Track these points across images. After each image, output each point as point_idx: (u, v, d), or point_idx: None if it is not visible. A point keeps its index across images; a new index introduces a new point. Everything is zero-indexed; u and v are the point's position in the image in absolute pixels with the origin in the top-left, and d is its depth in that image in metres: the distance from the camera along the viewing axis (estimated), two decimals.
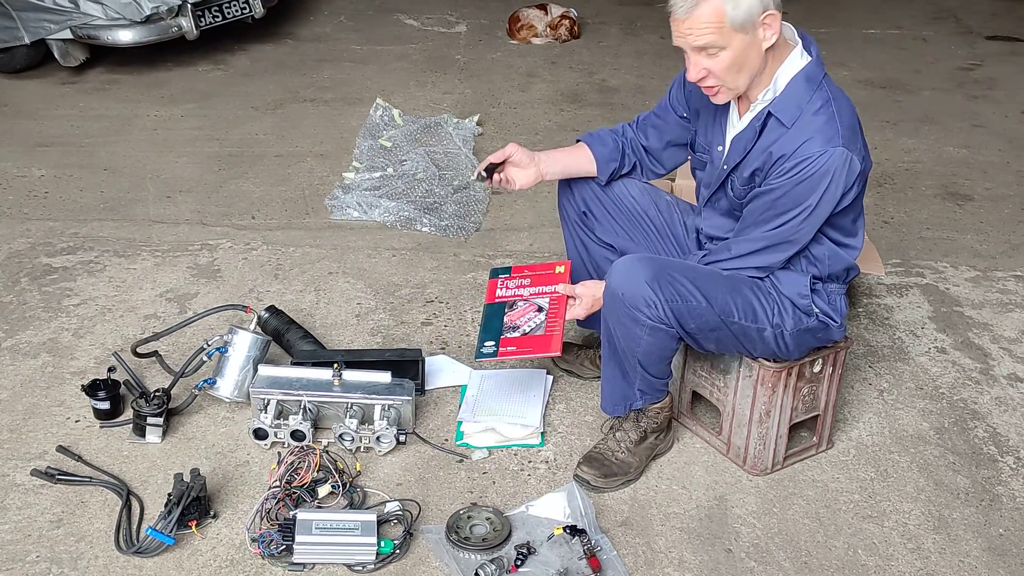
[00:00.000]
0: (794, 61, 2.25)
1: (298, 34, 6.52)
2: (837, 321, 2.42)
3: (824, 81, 2.24)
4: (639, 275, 2.26)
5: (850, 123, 2.21)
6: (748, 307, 2.33)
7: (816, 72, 2.24)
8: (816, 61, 2.26)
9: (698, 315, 2.29)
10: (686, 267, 2.32)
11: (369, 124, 4.76)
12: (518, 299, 2.59)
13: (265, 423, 2.55)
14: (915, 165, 4.63)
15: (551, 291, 2.56)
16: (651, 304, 2.25)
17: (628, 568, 2.26)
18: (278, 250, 3.70)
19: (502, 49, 6.28)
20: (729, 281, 2.34)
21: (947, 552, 2.35)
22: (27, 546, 2.29)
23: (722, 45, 2.15)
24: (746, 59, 2.18)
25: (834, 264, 2.38)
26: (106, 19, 5.34)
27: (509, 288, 2.64)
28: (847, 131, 2.19)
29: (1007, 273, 3.66)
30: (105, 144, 4.68)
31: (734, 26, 2.12)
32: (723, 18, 2.11)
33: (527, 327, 2.51)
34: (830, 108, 2.20)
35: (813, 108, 2.20)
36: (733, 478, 2.57)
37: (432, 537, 2.30)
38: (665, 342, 2.34)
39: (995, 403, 2.91)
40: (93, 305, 3.30)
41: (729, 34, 2.13)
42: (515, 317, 2.55)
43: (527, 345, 2.48)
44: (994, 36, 6.77)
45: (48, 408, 2.77)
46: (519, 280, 2.65)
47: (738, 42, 2.14)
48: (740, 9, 2.10)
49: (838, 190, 2.21)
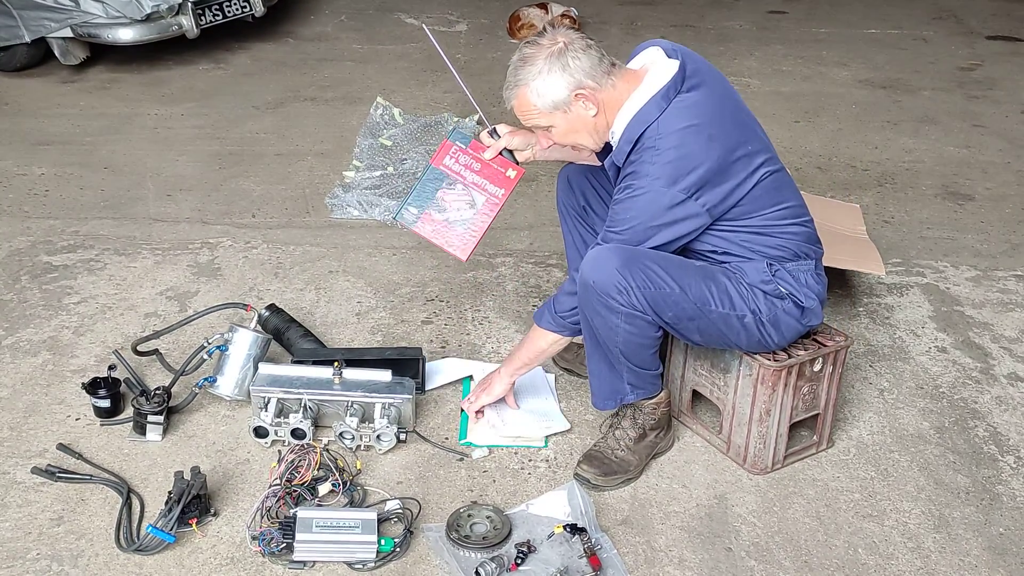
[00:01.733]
0: (636, 101, 2.29)
1: (299, 33, 6.52)
2: (811, 298, 2.43)
3: (660, 119, 2.25)
4: (609, 262, 2.28)
5: (672, 160, 2.23)
6: (724, 295, 2.35)
7: (650, 112, 2.27)
8: (662, 91, 2.27)
9: (673, 303, 2.31)
10: (658, 255, 2.33)
11: (369, 123, 4.76)
12: (459, 179, 2.60)
13: (265, 421, 2.55)
14: (915, 165, 4.63)
15: (492, 192, 2.59)
16: (622, 290, 2.27)
17: (628, 566, 2.26)
18: (278, 248, 3.70)
19: (503, 48, 6.28)
20: (703, 270, 2.36)
21: (947, 551, 2.35)
22: (27, 544, 2.29)
23: (547, 124, 2.36)
24: (576, 128, 2.36)
25: (767, 250, 2.39)
26: (107, 17, 5.35)
27: (457, 161, 2.61)
28: (667, 168, 2.23)
29: (1007, 273, 3.66)
30: (105, 143, 4.69)
31: (547, 109, 2.32)
32: (535, 106, 2.32)
33: (453, 215, 2.57)
34: (653, 149, 2.25)
35: (639, 149, 2.28)
36: (733, 477, 2.57)
37: (432, 535, 2.30)
38: (644, 330, 2.35)
39: (995, 402, 2.91)
40: (93, 303, 3.30)
41: (548, 115, 2.34)
42: (447, 198, 2.58)
43: (442, 237, 2.57)
44: (994, 36, 6.77)
45: (49, 406, 2.77)
46: (470, 159, 2.61)
47: (559, 119, 2.34)
48: (546, 97, 2.30)
49: (654, 224, 2.28)
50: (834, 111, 5.27)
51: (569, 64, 2.27)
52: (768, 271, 2.39)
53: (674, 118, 2.26)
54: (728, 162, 2.28)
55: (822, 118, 5.18)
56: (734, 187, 2.30)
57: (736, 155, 2.29)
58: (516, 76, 2.32)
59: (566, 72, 2.27)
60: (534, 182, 4.35)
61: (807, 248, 2.45)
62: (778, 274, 2.40)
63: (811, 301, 2.43)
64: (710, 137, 2.26)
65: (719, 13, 7.17)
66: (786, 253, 2.41)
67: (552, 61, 2.27)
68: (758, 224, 2.37)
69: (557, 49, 2.28)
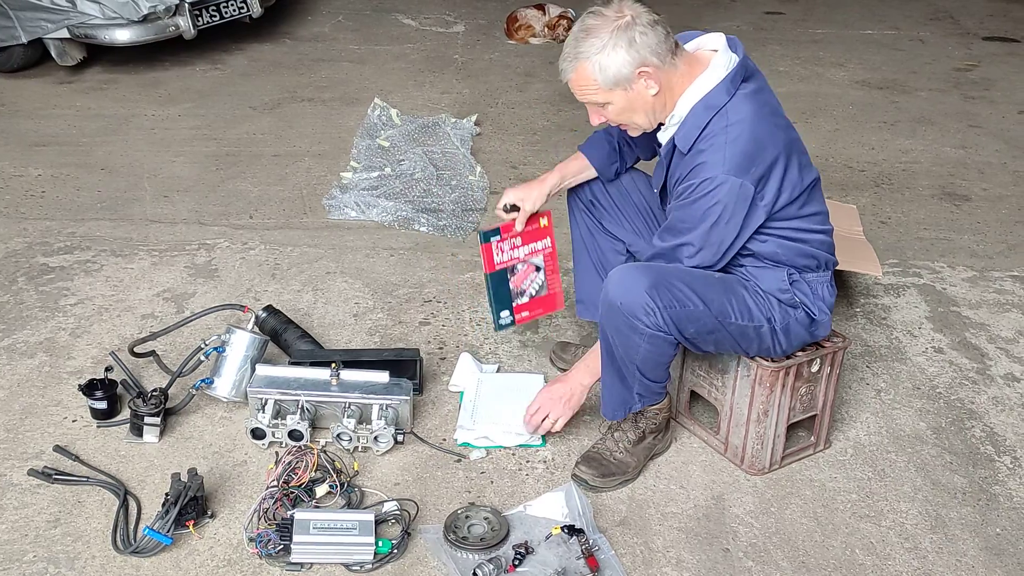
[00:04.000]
0: (702, 83, 2.25)
1: (296, 34, 6.52)
2: (823, 313, 2.43)
3: (728, 106, 2.22)
4: (638, 284, 2.26)
5: (744, 149, 2.20)
6: (743, 306, 2.34)
7: (718, 97, 2.23)
8: (728, 79, 2.24)
9: (696, 319, 2.30)
10: (682, 272, 2.32)
11: (367, 124, 4.76)
12: (516, 262, 2.77)
13: (263, 423, 2.55)
14: (912, 166, 4.63)
15: (543, 248, 2.80)
16: (650, 312, 2.25)
17: (626, 568, 2.26)
18: (276, 250, 3.70)
19: (500, 49, 6.28)
20: (723, 282, 2.35)
21: (944, 551, 2.36)
22: (24, 546, 2.28)
23: (604, 101, 2.27)
24: (634, 107, 2.27)
25: (796, 258, 2.38)
26: (103, 18, 5.34)
27: (504, 252, 2.75)
28: (739, 157, 2.19)
29: (1004, 273, 3.67)
30: (102, 144, 4.68)
31: (608, 86, 2.22)
32: (595, 81, 2.22)
33: (532, 290, 2.81)
34: (724, 136, 2.20)
35: (708, 136, 2.22)
36: (731, 478, 2.57)
37: (430, 537, 2.30)
38: (663, 348, 2.34)
39: (992, 403, 2.91)
40: (90, 305, 3.30)
41: (607, 92, 2.24)
42: (519, 282, 2.79)
43: (537, 307, 2.83)
44: (991, 37, 6.78)
45: (45, 408, 2.76)
46: (511, 241, 2.75)
47: (618, 96, 2.25)
48: (608, 72, 2.20)
49: (731, 216, 2.23)
50: (831, 112, 5.27)
51: (636, 39, 2.16)
52: (786, 280, 2.38)
53: (743, 104, 2.23)
54: (791, 153, 2.29)
55: (819, 119, 5.18)
56: (796, 179, 2.29)
57: (795, 149, 2.31)
58: (577, 48, 2.20)
59: (632, 48, 2.16)
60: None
61: (828, 258, 2.46)
62: (795, 284, 2.40)
63: (823, 316, 2.44)
64: (776, 126, 2.28)
65: (716, 14, 7.17)
66: (811, 263, 2.41)
67: (618, 35, 2.16)
68: (796, 228, 2.35)
69: (624, 23, 2.17)
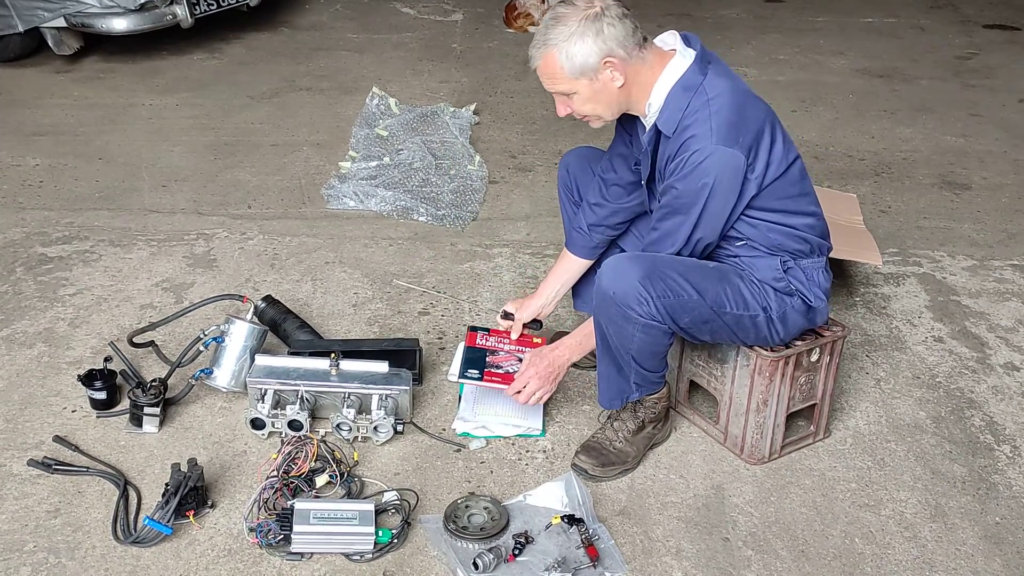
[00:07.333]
0: (672, 71, 2.27)
1: (294, 22, 6.49)
2: (820, 298, 2.43)
3: (704, 84, 2.24)
4: (631, 273, 2.26)
5: (729, 118, 2.21)
6: (738, 295, 2.34)
7: (693, 78, 2.25)
8: (696, 64, 2.26)
9: (690, 309, 2.29)
10: (675, 262, 2.31)
11: (365, 113, 4.75)
12: (499, 349, 2.75)
13: (262, 413, 2.55)
14: (912, 154, 4.63)
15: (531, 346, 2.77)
16: (643, 301, 2.25)
17: (625, 557, 2.26)
18: (274, 239, 3.69)
19: (499, 38, 6.26)
20: (717, 272, 2.35)
21: (944, 540, 2.36)
22: (24, 536, 2.28)
23: (570, 90, 2.27)
24: (599, 97, 2.28)
25: (788, 242, 2.38)
26: (100, 7, 5.32)
27: (488, 342, 2.77)
28: (725, 127, 2.20)
29: (1004, 262, 3.67)
30: (100, 133, 4.67)
31: (574, 75, 2.23)
32: (562, 68, 2.22)
33: (510, 368, 2.65)
34: (707, 110, 2.21)
35: (691, 113, 2.23)
36: (730, 467, 2.57)
37: (430, 527, 2.30)
38: (658, 338, 2.34)
39: (991, 392, 2.91)
40: (89, 295, 3.29)
41: (572, 81, 2.25)
42: (497, 360, 2.69)
43: (510, 380, 2.60)
44: (991, 24, 6.76)
45: (45, 398, 2.76)
46: (497, 339, 2.79)
47: (583, 86, 2.26)
48: (575, 61, 2.21)
49: (725, 187, 2.24)
50: (831, 100, 5.26)
51: (604, 30, 2.19)
52: (780, 267, 2.38)
53: (718, 80, 2.25)
54: (774, 124, 2.30)
55: (819, 107, 5.17)
56: (782, 152, 2.29)
57: (777, 122, 2.32)
58: (546, 36, 2.23)
59: (599, 38, 2.19)
60: (531, 172, 4.35)
61: (821, 243, 2.45)
62: (790, 271, 2.40)
63: (819, 301, 2.43)
64: (755, 98, 2.30)
65: (716, 2, 7.15)
66: (804, 247, 2.41)
67: (586, 24, 2.19)
68: (785, 210, 2.35)
69: (593, 13, 2.20)
